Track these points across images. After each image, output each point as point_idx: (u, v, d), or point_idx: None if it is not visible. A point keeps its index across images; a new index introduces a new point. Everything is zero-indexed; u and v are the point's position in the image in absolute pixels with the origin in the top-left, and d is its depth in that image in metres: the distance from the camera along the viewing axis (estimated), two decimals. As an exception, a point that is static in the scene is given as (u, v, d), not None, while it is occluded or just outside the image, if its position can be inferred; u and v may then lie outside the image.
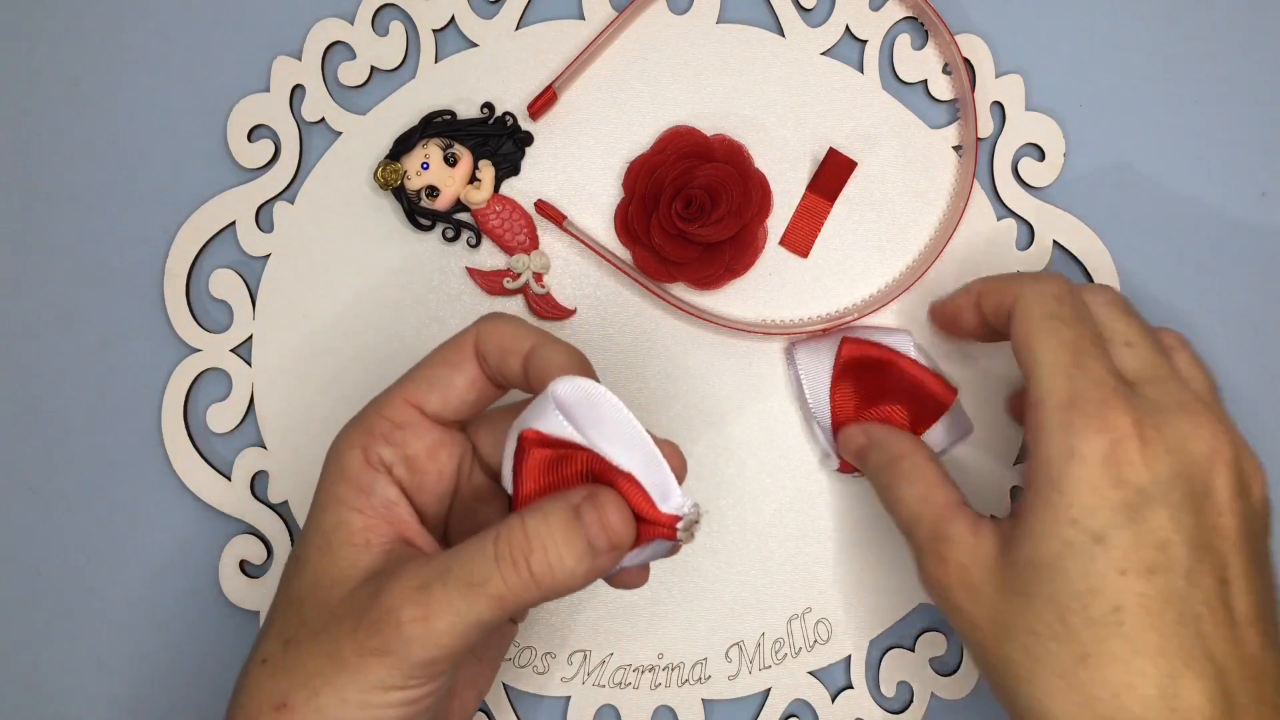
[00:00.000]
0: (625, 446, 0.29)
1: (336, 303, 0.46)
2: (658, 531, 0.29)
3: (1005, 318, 0.37)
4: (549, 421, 0.30)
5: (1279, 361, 0.47)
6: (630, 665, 0.45)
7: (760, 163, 0.46)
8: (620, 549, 0.30)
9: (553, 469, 0.31)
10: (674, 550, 0.31)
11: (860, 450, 0.42)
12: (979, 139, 0.46)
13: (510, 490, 0.32)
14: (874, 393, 0.43)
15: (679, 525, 0.29)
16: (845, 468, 0.44)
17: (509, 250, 0.46)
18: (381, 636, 0.30)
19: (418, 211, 0.46)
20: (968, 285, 0.41)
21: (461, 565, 0.30)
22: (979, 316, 0.40)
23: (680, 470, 0.30)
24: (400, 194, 0.45)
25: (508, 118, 0.46)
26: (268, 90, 0.46)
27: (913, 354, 0.43)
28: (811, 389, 0.43)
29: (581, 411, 0.30)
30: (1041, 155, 0.46)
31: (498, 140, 0.46)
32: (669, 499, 0.29)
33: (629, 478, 0.29)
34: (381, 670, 0.30)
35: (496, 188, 0.46)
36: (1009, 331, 0.37)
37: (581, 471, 0.30)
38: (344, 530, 0.33)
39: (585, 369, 0.33)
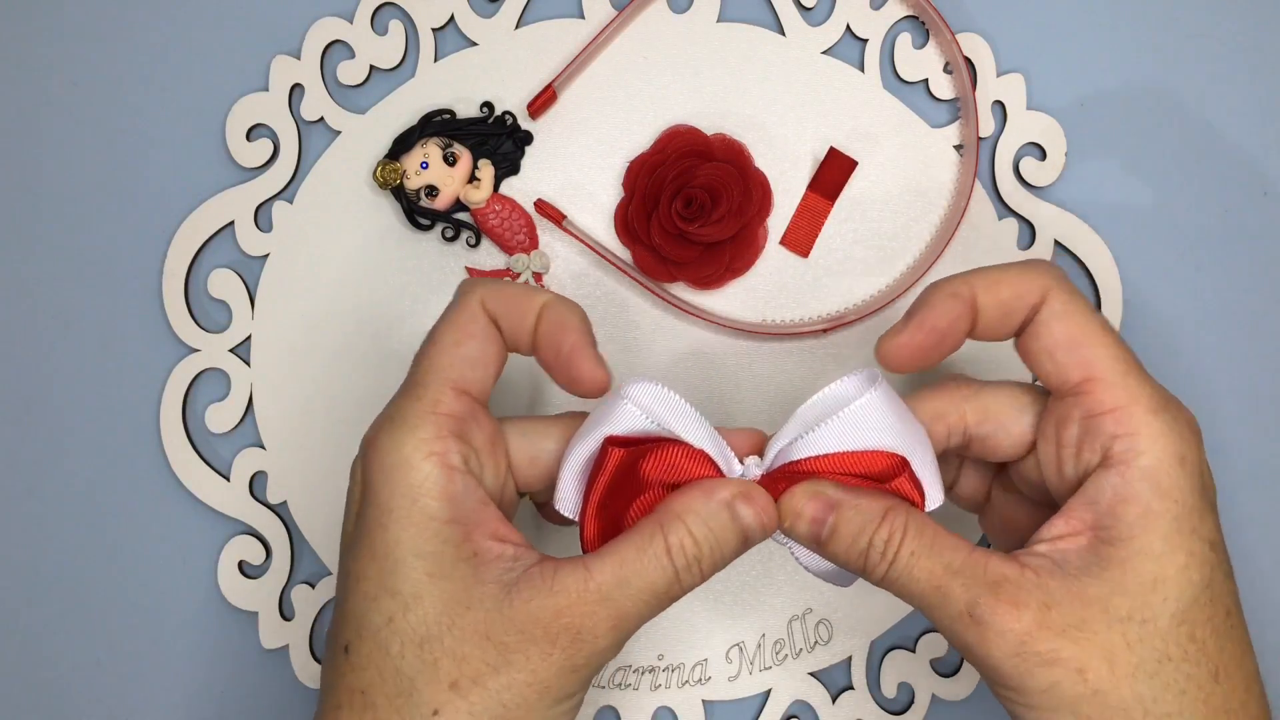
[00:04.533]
0: (692, 430, 0.33)
1: (335, 303, 0.46)
2: None
3: (1020, 316, 0.33)
4: (626, 421, 0.33)
5: (1279, 361, 0.47)
6: (630, 666, 0.45)
7: (760, 162, 0.46)
8: (769, 535, 0.33)
9: (625, 478, 0.33)
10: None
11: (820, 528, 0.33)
12: (980, 138, 0.46)
13: (574, 502, 0.33)
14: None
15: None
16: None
17: (508, 250, 0.46)
18: (582, 654, 0.30)
19: (417, 211, 0.45)
20: (944, 290, 0.33)
21: (640, 577, 0.31)
22: (971, 323, 0.34)
23: (759, 443, 0.34)
24: (399, 193, 0.45)
25: (507, 117, 0.46)
26: (266, 89, 0.46)
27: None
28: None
29: (658, 406, 0.33)
30: (1043, 155, 0.46)
31: (497, 139, 0.46)
32: (732, 469, 0.34)
33: (703, 455, 0.33)
34: (577, 680, 0.31)
35: (496, 187, 0.46)
36: (1018, 330, 0.34)
37: (647, 476, 0.33)
38: (452, 549, 0.31)
39: (586, 322, 0.34)
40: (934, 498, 0.33)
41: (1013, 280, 0.33)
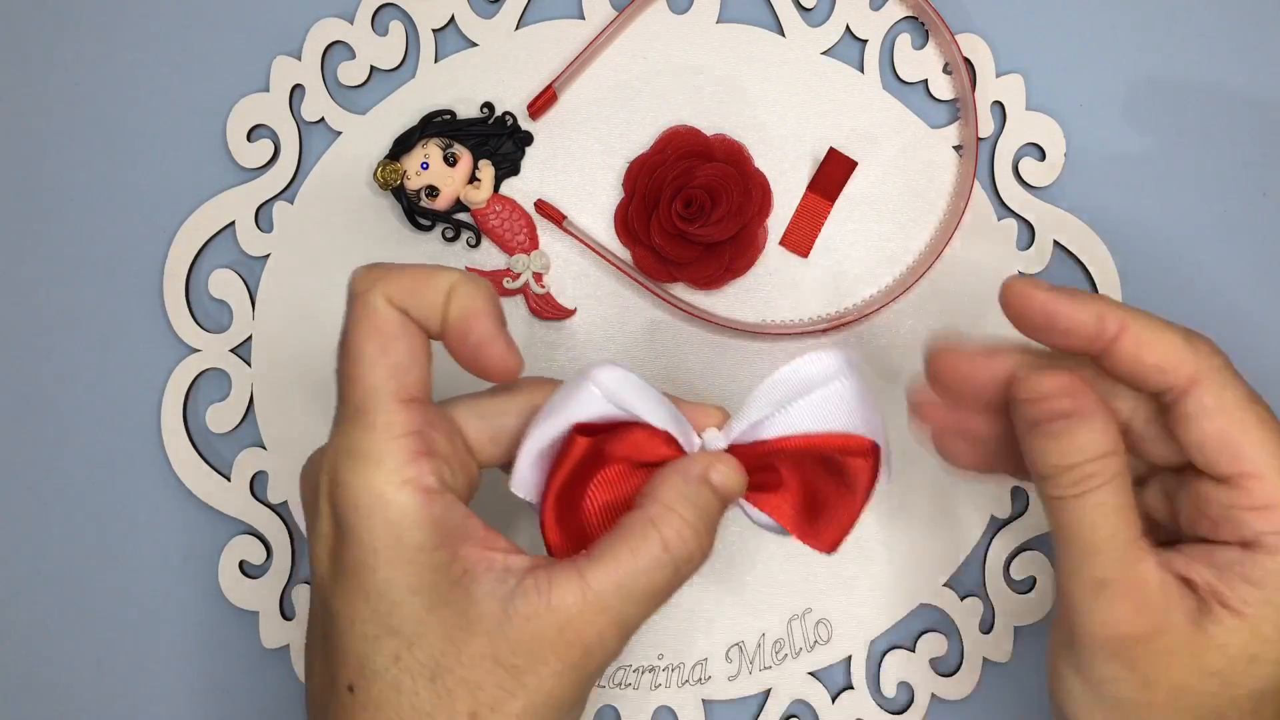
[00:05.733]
0: (654, 411, 0.33)
1: (336, 303, 0.45)
2: None
3: (1150, 386, 0.32)
4: (591, 406, 0.33)
5: (1278, 362, 0.47)
6: (630, 665, 0.45)
7: (760, 163, 0.46)
8: (740, 493, 0.33)
9: (587, 466, 0.33)
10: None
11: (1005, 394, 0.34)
12: (979, 139, 0.46)
13: (531, 484, 0.33)
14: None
15: None
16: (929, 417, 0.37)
17: (509, 250, 0.46)
18: (593, 664, 0.30)
19: (417, 211, 0.45)
20: (1093, 305, 0.33)
21: (639, 579, 0.30)
22: (1090, 348, 0.33)
23: (717, 418, 0.34)
24: (400, 194, 0.45)
25: (507, 117, 0.46)
26: (267, 90, 0.46)
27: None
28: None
29: (622, 390, 0.33)
30: (1042, 155, 0.46)
31: (497, 140, 0.46)
32: (692, 444, 0.34)
33: (667, 434, 0.33)
34: (589, 687, 0.31)
35: (496, 188, 0.46)
36: (1162, 403, 0.33)
37: (610, 453, 0.33)
38: (444, 575, 0.30)
39: (496, 304, 0.32)
40: (883, 482, 0.34)
41: (1166, 349, 0.32)
